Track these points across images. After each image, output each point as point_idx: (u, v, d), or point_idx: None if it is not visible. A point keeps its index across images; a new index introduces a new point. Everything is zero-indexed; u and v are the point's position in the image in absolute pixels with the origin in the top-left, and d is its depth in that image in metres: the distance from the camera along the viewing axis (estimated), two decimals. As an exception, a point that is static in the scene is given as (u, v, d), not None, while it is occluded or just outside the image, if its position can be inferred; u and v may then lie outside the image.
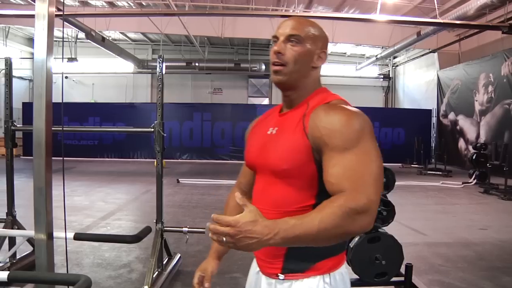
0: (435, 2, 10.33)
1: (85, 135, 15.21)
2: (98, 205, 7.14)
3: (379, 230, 3.15)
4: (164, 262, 3.81)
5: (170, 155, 14.63)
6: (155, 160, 3.79)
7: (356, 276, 3.05)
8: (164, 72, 3.76)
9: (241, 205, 1.10)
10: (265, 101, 19.53)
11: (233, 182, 7.62)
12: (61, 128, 2.15)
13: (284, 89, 1.36)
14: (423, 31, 12.03)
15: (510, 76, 11.27)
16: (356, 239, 3.06)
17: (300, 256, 1.26)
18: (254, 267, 1.45)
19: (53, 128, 1.75)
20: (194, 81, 19.55)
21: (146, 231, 3.12)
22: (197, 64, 17.80)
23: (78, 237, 2.86)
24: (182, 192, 8.65)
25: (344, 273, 1.32)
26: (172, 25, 12.88)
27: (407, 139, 15.53)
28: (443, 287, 3.70)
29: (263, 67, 18.43)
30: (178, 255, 4.17)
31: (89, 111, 15.62)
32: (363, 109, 1.32)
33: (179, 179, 10.08)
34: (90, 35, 12.66)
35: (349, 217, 1.07)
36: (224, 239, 1.04)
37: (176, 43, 18.37)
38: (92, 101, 17.93)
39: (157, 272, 3.54)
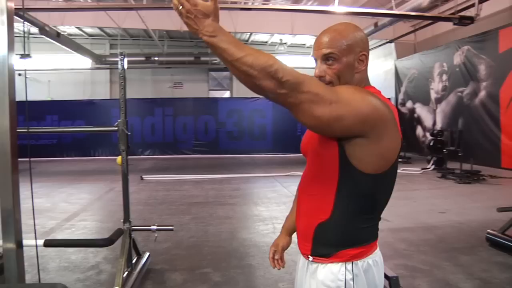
0: (391, -6, 10.60)
1: (43, 134, 14.67)
2: (61, 206, 6.94)
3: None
4: (133, 262, 3.77)
5: (132, 151, 14.28)
6: (117, 157, 3.74)
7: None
8: (126, 68, 3.69)
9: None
10: (226, 94, 19.46)
11: (198, 176, 7.65)
12: (26, 130, 2.06)
13: None
14: (380, 22, 12.31)
15: (462, 65, 11.73)
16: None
17: (325, 242, 1.36)
18: None
19: (18, 130, 1.69)
20: (154, 76, 19.23)
21: (118, 233, 3.08)
22: (156, 58, 17.47)
23: (49, 243, 2.77)
24: (147, 189, 8.54)
25: (372, 263, 1.38)
26: (130, 19, 12.58)
27: (367, 127, 15.86)
28: (408, 270, 3.85)
29: (224, 60, 18.30)
30: (147, 254, 4.14)
31: (46, 109, 15.02)
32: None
33: (143, 176, 9.93)
34: (43, 30, 12.19)
35: (267, 74, 1.14)
36: (180, 7, 1.17)
37: (135, 37, 17.96)
38: (49, 99, 17.30)
39: (127, 272, 3.50)
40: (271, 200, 7.23)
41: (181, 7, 1.16)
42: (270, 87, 1.15)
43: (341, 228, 1.34)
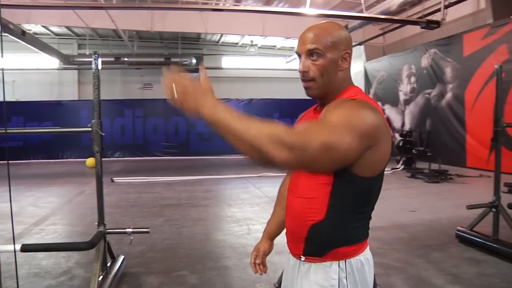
0: (361, -3, 10.80)
1: (9, 136, 14.17)
2: (28, 210, 6.73)
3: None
4: (108, 265, 3.69)
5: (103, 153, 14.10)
6: (87, 159, 3.67)
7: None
8: (100, 68, 3.62)
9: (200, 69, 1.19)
10: (198, 95, 19.32)
11: (169, 178, 7.59)
12: (4, 130, 1.98)
13: (318, 99, 1.44)
14: (350, 24, 12.49)
15: (430, 67, 12.06)
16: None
17: (318, 242, 1.35)
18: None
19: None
20: (123, 77, 18.86)
21: (99, 236, 3.01)
22: (126, 59, 17.14)
23: (25, 248, 2.65)
24: (117, 191, 8.40)
25: (363, 261, 1.38)
26: (99, 18, 12.32)
27: (338, 129, 16.12)
28: (382, 268, 3.92)
29: (194, 61, 18.14)
30: (122, 257, 4.05)
31: (11, 111, 14.54)
32: (294, 101, 1.37)
33: (113, 178, 9.76)
34: (7, 28, 11.78)
35: (275, 143, 1.10)
36: (176, 94, 1.14)
37: (104, 38, 17.60)
38: (14, 100, 16.74)
39: (101, 276, 3.42)
40: (244, 201, 7.23)
41: (176, 94, 1.12)
42: (280, 156, 1.11)
43: (335, 228, 1.34)
